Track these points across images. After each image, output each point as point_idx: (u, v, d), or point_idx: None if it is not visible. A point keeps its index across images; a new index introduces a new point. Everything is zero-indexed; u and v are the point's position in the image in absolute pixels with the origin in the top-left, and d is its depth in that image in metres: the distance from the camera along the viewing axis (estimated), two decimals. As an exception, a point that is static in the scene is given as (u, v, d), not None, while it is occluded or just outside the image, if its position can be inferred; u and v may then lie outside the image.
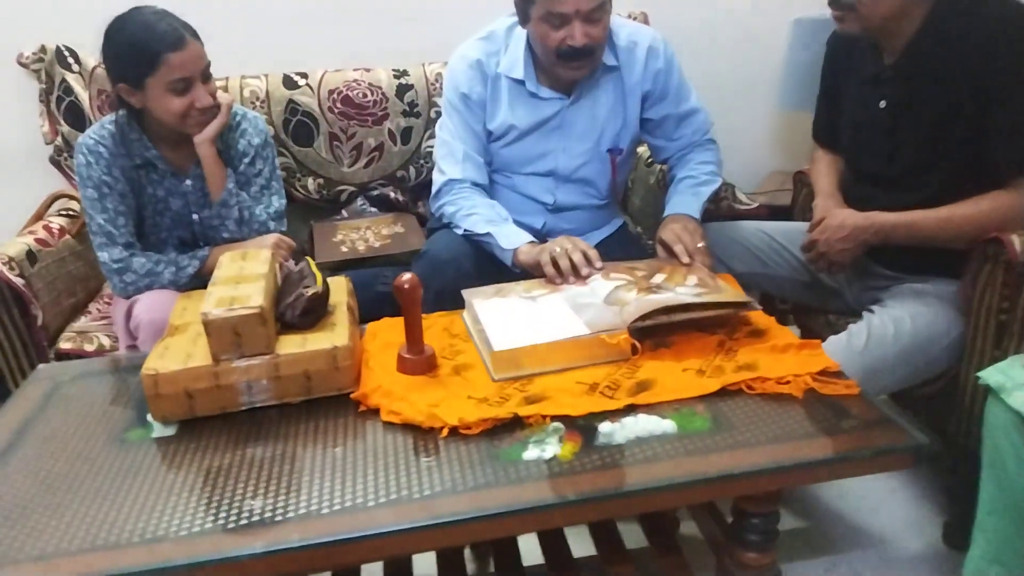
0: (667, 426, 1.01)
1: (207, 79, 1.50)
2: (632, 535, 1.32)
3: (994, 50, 1.27)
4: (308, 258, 1.25)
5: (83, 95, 1.92)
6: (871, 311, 1.44)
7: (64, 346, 1.63)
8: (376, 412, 1.08)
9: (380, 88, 2.03)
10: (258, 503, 0.91)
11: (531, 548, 1.27)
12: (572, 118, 1.64)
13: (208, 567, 0.84)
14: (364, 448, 1.01)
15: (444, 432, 1.02)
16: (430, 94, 2.06)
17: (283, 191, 1.69)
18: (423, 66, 2.09)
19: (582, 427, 1.02)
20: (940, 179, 1.38)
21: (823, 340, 1.29)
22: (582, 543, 1.28)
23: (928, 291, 1.43)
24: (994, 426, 1.13)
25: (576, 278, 1.35)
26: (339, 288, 1.28)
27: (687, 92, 1.69)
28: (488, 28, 1.65)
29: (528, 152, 1.67)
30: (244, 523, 0.88)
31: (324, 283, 1.19)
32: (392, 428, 1.05)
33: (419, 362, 1.15)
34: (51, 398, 1.19)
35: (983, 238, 1.31)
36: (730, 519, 1.12)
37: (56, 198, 1.95)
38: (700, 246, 1.44)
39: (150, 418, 1.09)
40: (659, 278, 1.33)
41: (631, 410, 1.04)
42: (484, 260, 1.54)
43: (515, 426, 1.03)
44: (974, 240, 1.33)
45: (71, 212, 1.92)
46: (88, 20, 1.48)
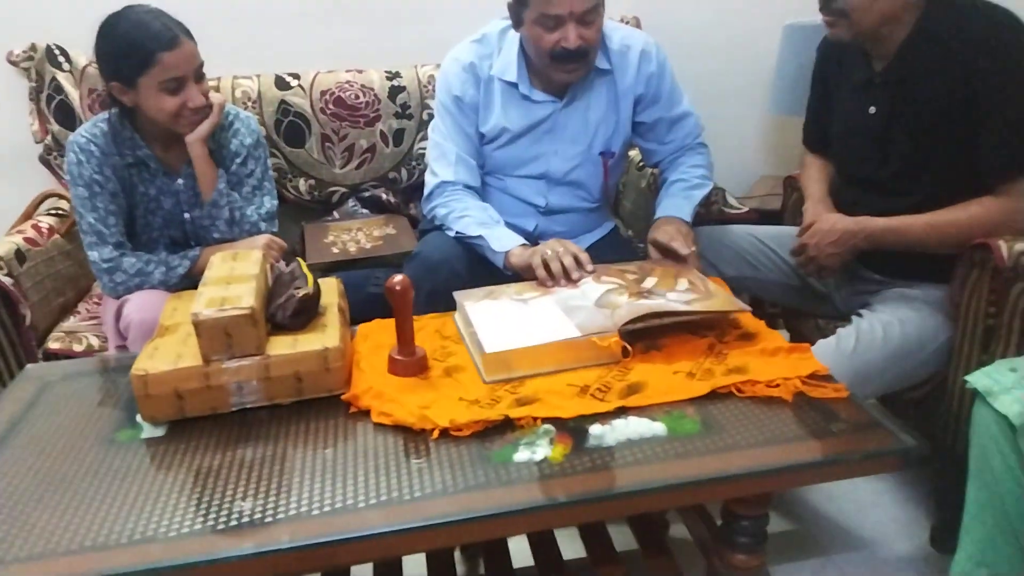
0: (657, 429, 1.01)
1: (200, 79, 1.49)
2: (622, 537, 1.33)
3: (983, 56, 1.28)
4: (299, 259, 1.24)
5: (73, 94, 1.91)
6: (860, 315, 1.45)
7: (53, 346, 1.62)
8: (367, 413, 1.08)
9: (372, 90, 2.03)
10: (248, 504, 0.91)
11: (521, 550, 1.28)
12: (564, 121, 1.64)
13: (198, 568, 0.83)
14: (355, 449, 1.01)
15: (435, 434, 1.02)
16: (422, 96, 2.06)
17: (275, 192, 1.69)
18: (415, 68, 2.09)
19: (573, 429, 1.02)
20: (929, 184, 1.39)
21: (812, 344, 1.29)
22: (572, 545, 1.29)
23: (917, 296, 1.44)
24: (981, 429, 1.14)
25: (567, 281, 1.36)
26: (330, 289, 1.28)
27: (679, 96, 1.69)
28: (481, 31, 1.65)
29: (520, 155, 1.67)
30: (234, 524, 0.88)
31: (315, 284, 1.18)
32: (383, 429, 1.05)
33: (410, 364, 1.15)
34: (39, 398, 1.18)
35: (971, 243, 1.33)
36: (719, 521, 1.12)
37: (45, 197, 1.94)
38: (692, 250, 1.44)
39: (139, 419, 1.08)
40: (650, 282, 1.33)
41: (621, 412, 1.05)
42: (476, 262, 1.54)
43: (506, 428, 1.03)
44: (962, 245, 1.34)
45: (60, 211, 1.91)
46: (79, 18, 1.47)
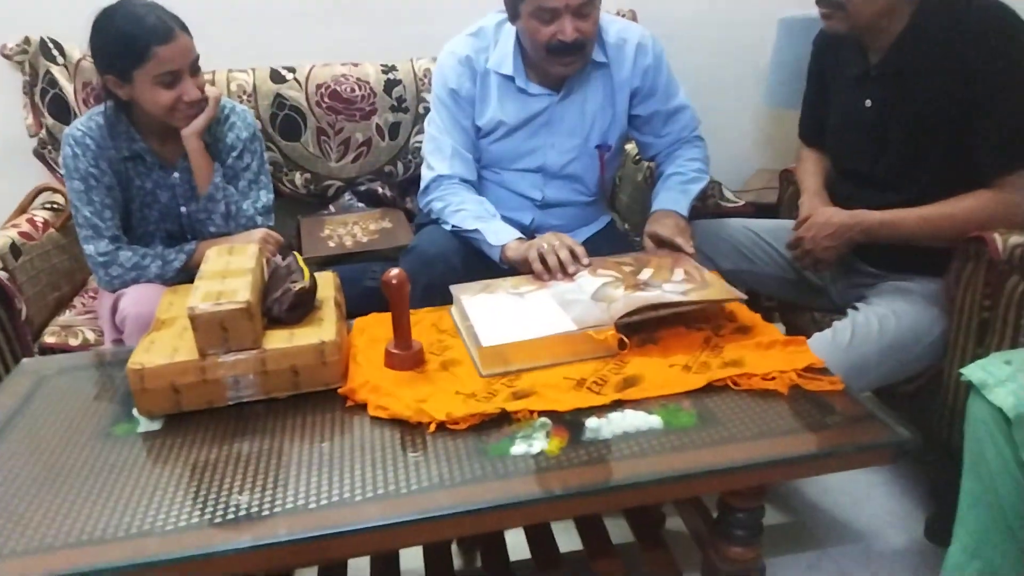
0: (653, 421, 1.01)
1: (196, 72, 1.49)
2: (618, 530, 1.33)
3: (978, 49, 1.28)
4: (295, 253, 1.24)
5: (68, 87, 1.91)
6: (856, 308, 1.46)
7: (48, 340, 1.62)
8: (363, 407, 1.08)
9: (368, 83, 2.03)
10: (245, 498, 0.91)
11: (518, 543, 1.28)
12: (561, 114, 1.64)
13: (195, 562, 0.83)
14: (351, 443, 1.01)
15: (432, 427, 1.02)
16: (418, 90, 2.06)
17: (271, 186, 1.68)
18: (411, 62, 2.08)
19: (569, 422, 1.02)
20: (925, 178, 1.39)
21: (808, 337, 1.29)
22: (569, 538, 1.29)
23: (912, 289, 1.44)
24: (976, 422, 1.14)
25: (564, 275, 1.36)
26: (326, 283, 1.28)
27: (675, 89, 1.69)
28: (477, 24, 1.65)
29: (517, 148, 1.67)
30: (231, 518, 0.88)
31: (311, 278, 1.18)
32: (379, 423, 1.05)
33: (407, 357, 1.15)
34: (35, 392, 1.18)
35: (966, 236, 1.33)
36: (716, 514, 1.13)
37: (40, 191, 1.93)
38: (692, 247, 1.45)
39: (136, 413, 1.08)
40: (646, 274, 1.33)
41: (618, 405, 1.05)
42: (472, 256, 1.54)
43: (502, 421, 1.03)
44: (957, 238, 1.35)
45: (55, 205, 1.91)
46: (73, 12, 1.47)
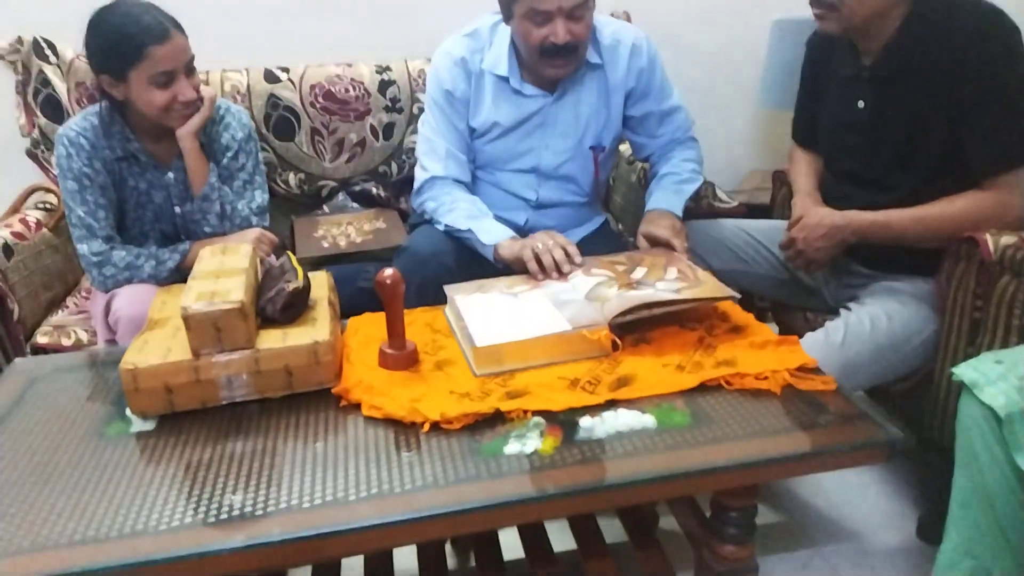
0: (647, 421, 1.02)
1: (191, 72, 1.49)
2: (612, 530, 1.33)
3: (970, 50, 1.29)
4: (289, 253, 1.24)
5: (61, 87, 1.90)
6: (848, 308, 1.46)
7: (41, 340, 1.61)
8: (357, 407, 1.08)
9: (362, 83, 2.03)
10: (238, 498, 0.91)
11: (512, 542, 1.28)
12: (555, 115, 1.64)
13: (188, 561, 0.83)
14: (345, 443, 1.01)
15: (426, 427, 1.02)
16: (412, 90, 2.06)
17: (266, 186, 1.68)
18: (406, 62, 2.08)
19: (563, 422, 1.02)
20: (917, 178, 1.40)
21: (801, 337, 1.30)
22: (562, 538, 1.29)
23: (904, 289, 1.45)
24: (967, 421, 1.14)
25: (558, 275, 1.36)
26: (320, 283, 1.28)
27: (669, 90, 1.70)
28: (473, 24, 1.65)
29: (511, 149, 1.67)
30: (224, 518, 0.88)
31: (305, 278, 1.18)
32: (373, 423, 1.05)
33: (401, 357, 1.15)
34: (28, 392, 1.18)
35: (958, 237, 1.33)
36: (709, 513, 1.13)
37: (33, 191, 1.92)
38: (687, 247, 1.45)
39: (129, 413, 1.08)
40: (639, 273, 1.34)
41: (611, 405, 1.05)
42: (465, 255, 1.54)
43: (496, 421, 1.03)
44: (949, 239, 1.35)
45: (48, 205, 1.90)
46: (66, 11, 1.47)
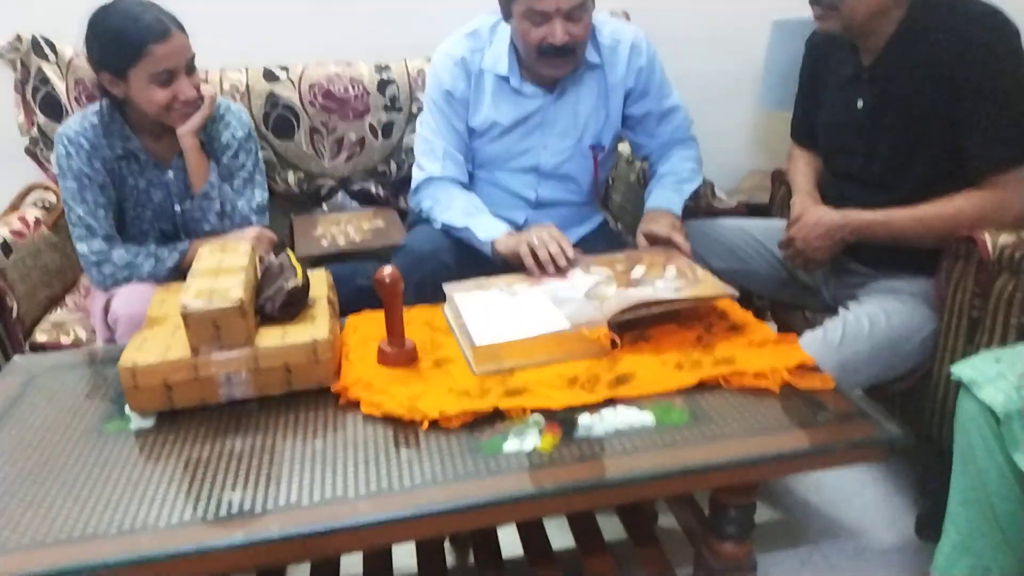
0: (646, 419, 1.02)
1: (191, 71, 1.49)
2: (611, 527, 1.33)
3: (969, 50, 1.29)
4: (288, 251, 1.24)
5: (60, 86, 1.90)
6: (847, 307, 1.46)
7: (40, 338, 1.61)
8: (356, 405, 1.08)
9: (362, 83, 2.03)
10: (238, 495, 0.91)
11: (511, 540, 1.28)
12: (555, 114, 1.64)
13: (188, 559, 0.83)
14: (344, 440, 1.01)
15: (425, 425, 1.02)
16: (412, 89, 2.06)
17: (266, 185, 1.68)
18: (405, 61, 2.08)
19: (562, 420, 1.02)
20: (916, 178, 1.40)
21: (799, 335, 1.30)
22: (561, 535, 1.29)
23: (903, 288, 1.45)
24: (965, 420, 1.15)
25: (555, 269, 1.36)
26: (319, 281, 1.28)
27: (668, 89, 1.70)
28: (472, 24, 1.65)
29: (511, 148, 1.67)
30: (224, 515, 0.88)
31: (304, 276, 1.18)
32: (372, 421, 1.05)
33: (400, 355, 1.15)
34: (27, 390, 1.18)
35: (956, 236, 1.34)
36: (707, 511, 1.13)
37: (32, 189, 1.92)
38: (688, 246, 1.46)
39: (128, 410, 1.08)
40: (639, 271, 1.34)
41: (610, 403, 1.05)
42: (464, 253, 1.54)
43: (495, 419, 1.03)
44: (948, 238, 1.35)
45: (47, 204, 1.90)
46: (66, 10, 1.46)
